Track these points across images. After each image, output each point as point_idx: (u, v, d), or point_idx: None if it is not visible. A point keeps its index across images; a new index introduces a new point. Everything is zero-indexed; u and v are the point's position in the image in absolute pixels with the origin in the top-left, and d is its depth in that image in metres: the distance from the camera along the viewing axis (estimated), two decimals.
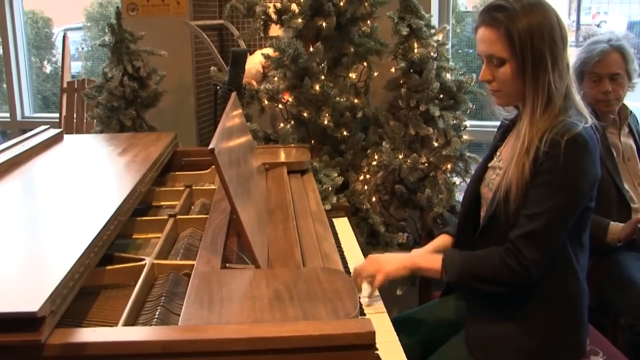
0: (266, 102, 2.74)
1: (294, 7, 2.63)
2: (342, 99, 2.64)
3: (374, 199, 2.77)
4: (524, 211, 1.51)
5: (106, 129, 2.82)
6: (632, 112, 2.42)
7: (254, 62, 2.96)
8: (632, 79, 2.33)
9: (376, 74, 2.82)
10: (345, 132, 2.75)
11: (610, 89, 2.27)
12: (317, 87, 2.62)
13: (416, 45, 2.62)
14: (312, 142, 2.75)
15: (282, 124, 2.79)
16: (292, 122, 2.76)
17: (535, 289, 1.55)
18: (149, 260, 1.36)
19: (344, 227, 2.15)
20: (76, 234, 1.26)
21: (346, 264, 1.84)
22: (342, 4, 2.62)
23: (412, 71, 2.66)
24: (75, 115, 3.78)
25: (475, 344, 1.61)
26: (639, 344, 2.11)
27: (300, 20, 2.60)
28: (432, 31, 2.70)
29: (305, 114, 2.69)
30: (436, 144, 2.71)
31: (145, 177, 1.72)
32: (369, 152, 2.77)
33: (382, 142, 2.70)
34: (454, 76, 2.72)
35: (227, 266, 1.37)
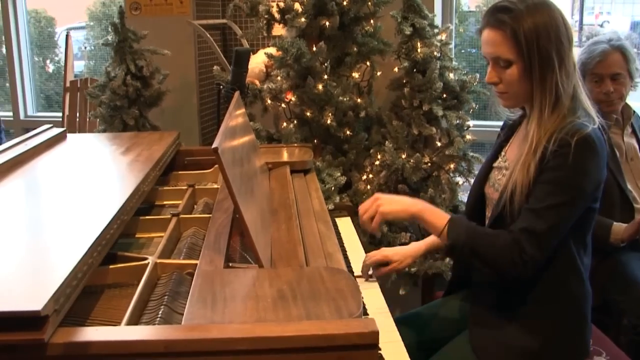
0: (269, 101, 2.74)
1: (297, 6, 2.63)
2: (345, 99, 2.64)
3: None
4: (528, 205, 1.50)
5: (109, 128, 2.83)
6: (635, 112, 2.41)
7: (257, 62, 2.96)
8: (634, 78, 2.31)
9: (379, 74, 2.82)
10: (348, 132, 2.74)
11: (612, 89, 2.26)
12: (320, 87, 2.62)
13: (419, 44, 2.62)
14: (315, 141, 2.75)
15: (285, 124, 2.78)
16: (295, 122, 2.76)
17: (539, 289, 1.55)
18: (152, 259, 1.36)
19: (347, 226, 2.16)
20: (79, 232, 1.26)
21: (349, 263, 1.84)
22: (345, 3, 2.62)
23: (415, 71, 2.65)
24: (78, 114, 3.79)
25: (478, 344, 1.61)
26: None
27: (303, 19, 2.60)
28: (436, 31, 2.70)
29: (308, 114, 2.69)
30: (439, 144, 2.71)
31: (148, 176, 1.72)
32: (371, 151, 2.77)
33: (385, 142, 2.70)
34: (457, 76, 2.72)
35: (230, 265, 1.38)
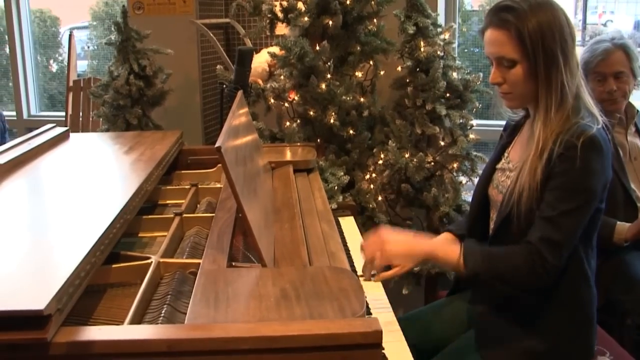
0: (272, 100, 2.74)
1: (300, 5, 2.63)
2: (348, 98, 2.64)
3: (380, 198, 2.77)
4: (541, 213, 1.48)
5: (112, 128, 2.83)
6: (638, 111, 2.40)
7: (260, 61, 2.96)
8: (637, 77, 2.30)
9: (382, 73, 2.81)
10: (351, 131, 2.74)
11: (615, 88, 2.25)
12: (323, 86, 2.61)
13: (422, 44, 2.62)
14: (318, 140, 2.75)
15: (288, 123, 2.78)
16: (298, 121, 2.76)
17: (546, 291, 1.54)
18: (155, 258, 1.36)
19: (350, 226, 2.15)
20: (82, 232, 1.26)
21: (352, 262, 1.83)
22: (348, 2, 2.62)
23: (418, 70, 2.65)
24: (81, 113, 3.79)
25: (483, 345, 1.61)
26: None
27: (306, 18, 2.60)
28: (439, 30, 2.69)
29: (311, 113, 2.69)
30: (442, 143, 2.71)
31: (151, 175, 1.72)
32: (375, 151, 2.77)
33: (388, 141, 2.70)
34: (460, 75, 2.71)
35: (234, 265, 1.37)
